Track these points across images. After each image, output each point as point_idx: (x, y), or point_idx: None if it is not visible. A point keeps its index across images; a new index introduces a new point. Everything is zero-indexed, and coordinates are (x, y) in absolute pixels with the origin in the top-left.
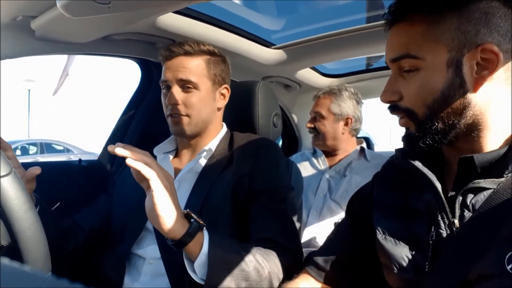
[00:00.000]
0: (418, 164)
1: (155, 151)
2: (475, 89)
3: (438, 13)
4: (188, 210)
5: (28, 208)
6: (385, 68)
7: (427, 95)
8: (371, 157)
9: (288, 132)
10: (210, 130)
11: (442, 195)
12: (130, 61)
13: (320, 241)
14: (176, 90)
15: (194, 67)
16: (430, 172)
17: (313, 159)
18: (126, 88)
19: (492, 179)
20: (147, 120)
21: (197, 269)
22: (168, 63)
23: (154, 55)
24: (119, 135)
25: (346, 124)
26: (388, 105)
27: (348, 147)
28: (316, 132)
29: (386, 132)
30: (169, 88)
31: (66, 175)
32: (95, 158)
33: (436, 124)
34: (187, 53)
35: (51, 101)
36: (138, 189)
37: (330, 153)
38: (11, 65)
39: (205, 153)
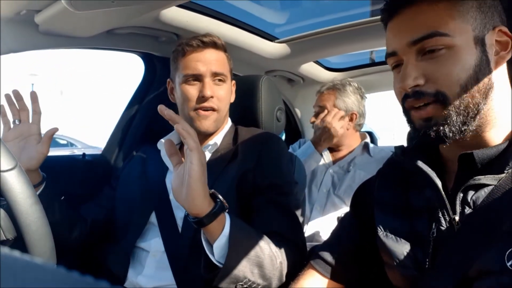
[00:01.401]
0: (418, 161)
1: (159, 144)
2: (496, 69)
3: None
4: (213, 190)
5: (34, 202)
6: None
7: (461, 73)
8: (374, 152)
9: (291, 126)
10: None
11: (443, 192)
12: (134, 55)
13: (324, 235)
14: (210, 83)
15: (223, 59)
16: (430, 169)
17: None
18: (130, 83)
19: (492, 175)
20: (151, 115)
21: (216, 250)
22: (197, 55)
23: (157, 49)
24: (123, 129)
25: (351, 119)
26: (404, 94)
27: (352, 142)
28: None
29: (389, 127)
30: (198, 80)
31: (70, 169)
32: (99, 152)
33: (467, 104)
34: (215, 46)
35: (54, 95)
36: (142, 183)
37: (333, 148)
38: (14, 59)
39: (210, 147)
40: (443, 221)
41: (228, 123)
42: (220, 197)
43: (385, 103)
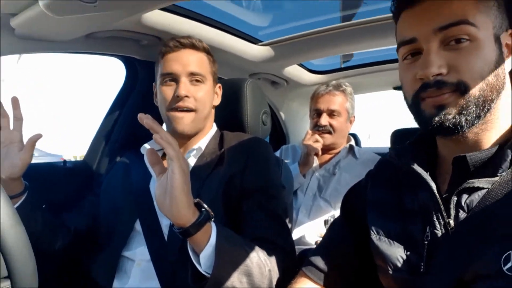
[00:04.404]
0: (412, 163)
1: (142, 149)
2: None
3: None
4: (198, 199)
5: (14, 222)
6: (374, 64)
7: (484, 66)
8: (360, 153)
9: (276, 129)
10: (203, 128)
11: (438, 195)
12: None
13: (310, 238)
14: (186, 83)
15: (202, 61)
16: (424, 172)
17: None
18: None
19: (486, 179)
20: (133, 119)
21: (203, 261)
22: (173, 55)
23: (139, 53)
24: (105, 135)
25: (350, 122)
26: (422, 83)
27: (341, 145)
28: (328, 131)
29: (365, 129)
30: (174, 80)
31: (51, 177)
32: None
33: (485, 98)
34: (194, 47)
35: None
36: (126, 190)
37: (323, 151)
38: None
39: (194, 152)
40: (437, 225)
41: (213, 128)
42: (205, 206)
43: (363, 105)
